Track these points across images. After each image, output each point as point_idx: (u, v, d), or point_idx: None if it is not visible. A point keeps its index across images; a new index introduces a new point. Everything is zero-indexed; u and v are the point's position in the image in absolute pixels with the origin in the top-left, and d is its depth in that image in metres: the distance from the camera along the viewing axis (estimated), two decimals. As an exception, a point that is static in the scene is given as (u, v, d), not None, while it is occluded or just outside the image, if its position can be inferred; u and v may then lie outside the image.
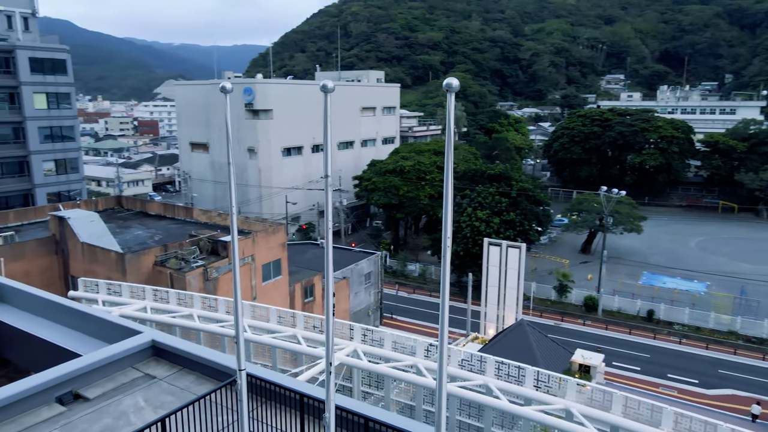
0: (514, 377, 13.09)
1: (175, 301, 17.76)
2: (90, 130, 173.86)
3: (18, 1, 53.95)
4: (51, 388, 10.48)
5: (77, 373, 10.91)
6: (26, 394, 10.17)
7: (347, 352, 14.46)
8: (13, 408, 9.99)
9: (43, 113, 51.31)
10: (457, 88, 5.73)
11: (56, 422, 9.88)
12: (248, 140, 72.61)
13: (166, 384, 11.32)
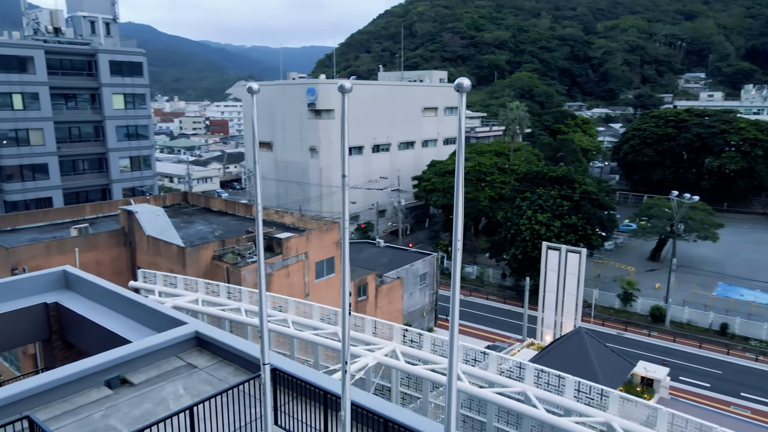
0: (555, 386, 12.67)
1: (225, 295, 18.44)
2: (166, 129, 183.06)
3: (101, 7, 57.60)
4: (100, 372, 11.14)
5: (125, 359, 11.54)
6: (78, 376, 10.86)
7: (386, 352, 14.50)
8: (66, 388, 10.70)
9: (121, 113, 54.52)
10: (468, 89, 5.61)
11: (103, 404, 10.49)
12: (310, 139, 74.11)
13: (205, 374, 11.77)
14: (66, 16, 56.71)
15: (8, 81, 47.38)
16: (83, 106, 53.08)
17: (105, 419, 9.97)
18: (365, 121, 76.26)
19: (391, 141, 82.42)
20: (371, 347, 14.87)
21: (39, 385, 10.25)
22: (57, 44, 50.98)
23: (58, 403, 10.45)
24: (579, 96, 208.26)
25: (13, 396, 9.82)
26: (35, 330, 16.13)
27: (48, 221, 35.44)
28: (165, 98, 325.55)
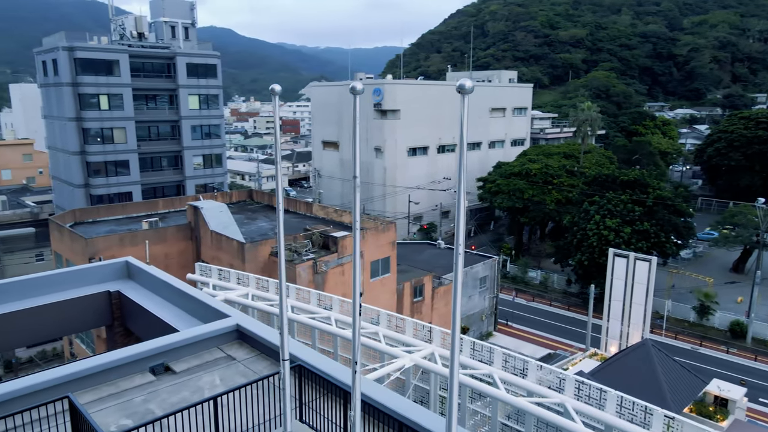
0: (596, 400, 12.08)
1: (273, 290, 18.98)
2: (241, 128, 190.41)
3: (181, 13, 60.71)
4: (145, 358, 11.77)
5: (168, 347, 12.13)
6: (124, 361, 11.53)
7: (424, 355, 14.40)
8: (112, 372, 11.38)
9: (195, 113, 57.28)
10: (471, 90, 5.50)
11: (144, 390, 11.08)
12: (375, 139, 74.72)
13: (242, 366, 12.17)
14: (149, 21, 60.27)
15: (96, 83, 50.91)
16: (162, 106, 56.20)
17: (145, 404, 10.52)
18: (431, 122, 76.07)
19: (457, 141, 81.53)
20: (410, 349, 14.83)
21: (86, 368, 10.97)
22: (140, 48, 54.26)
23: (105, 386, 11.14)
24: (661, 96, 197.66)
25: (62, 377, 10.57)
26: (100, 316, 17.27)
27: (125, 215, 37.83)
28: (242, 99, 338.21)
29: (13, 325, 15.70)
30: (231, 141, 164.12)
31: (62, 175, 54.81)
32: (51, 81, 52.96)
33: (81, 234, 30.11)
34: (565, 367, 41.42)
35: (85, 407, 10.57)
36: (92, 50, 50.67)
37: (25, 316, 15.88)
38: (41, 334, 16.82)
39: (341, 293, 30.72)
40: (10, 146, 75.92)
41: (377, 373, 13.46)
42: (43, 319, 16.22)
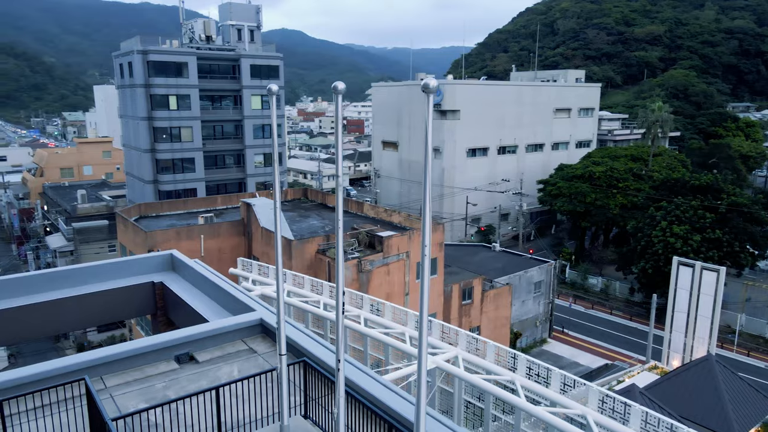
0: (620, 414, 11.47)
1: (308, 287, 19.34)
2: (306, 128, 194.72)
3: (247, 16, 62.90)
4: (171, 347, 12.33)
5: (193, 338, 12.64)
6: (151, 349, 12.13)
7: (447, 357, 14.23)
8: (140, 358, 12.00)
9: (257, 113, 59.18)
10: (435, 90, 5.41)
11: (167, 377, 11.62)
12: (434, 140, 74.34)
13: (262, 359, 12.50)
14: (218, 25, 62.87)
15: (167, 84, 53.65)
16: (226, 106, 58.46)
17: (164, 390, 11.03)
18: (492, 123, 74.89)
19: (519, 143, 79.94)
20: (435, 351, 14.70)
21: (116, 353, 11.63)
22: (207, 51, 56.68)
23: (132, 371, 11.77)
24: (746, 96, 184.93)
25: (91, 361, 11.25)
26: (145, 305, 18.23)
27: (186, 210, 39.68)
28: (309, 99, 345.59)
29: (67, 310, 16.85)
30: (296, 140, 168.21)
31: (135, 171, 58.17)
32: (127, 82, 56.32)
33: (142, 227, 31.88)
34: (620, 378, 39.69)
35: (109, 390, 11.27)
36: (163, 53, 53.45)
37: (77, 302, 17.00)
38: (91, 319, 17.97)
39: (386, 293, 30.89)
40: (92, 144, 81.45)
41: (396, 374, 13.45)
42: (93, 306, 17.31)
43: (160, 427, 9.69)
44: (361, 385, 10.41)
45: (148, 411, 8.68)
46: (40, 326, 17.20)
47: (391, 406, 9.82)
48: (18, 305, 16.36)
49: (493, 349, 14.10)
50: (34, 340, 37.08)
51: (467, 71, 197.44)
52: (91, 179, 76.07)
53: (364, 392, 10.32)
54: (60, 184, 71.92)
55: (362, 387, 10.38)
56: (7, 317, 16.29)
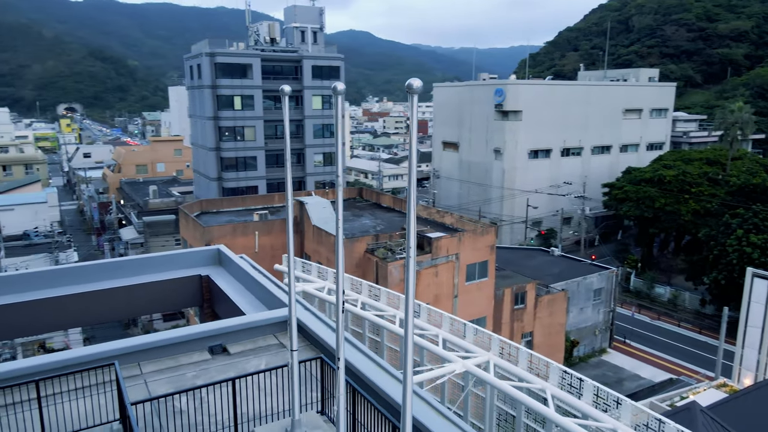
0: (653, 430, 10.82)
1: (348, 286, 19.52)
2: (370, 128, 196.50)
3: (311, 18, 64.24)
4: (204, 338, 12.81)
5: (225, 330, 13.08)
6: (186, 339, 12.65)
7: (478, 362, 13.94)
8: (176, 348, 12.55)
9: (317, 113, 60.36)
10: (419, 90, 5.33)
11: (198, 366, 12.09)
12: (495, 141, 73.19)
13: (296, 353, 12.75)
14: (283, 27, 64.63)
15: (232, 85, 55.72)
16: (289, 106, 59.97)
17: (193, 379, 11.48)
18: (556, 123, 72.80)
19: (584, 145, 77.26)
20: (466, 354, 14.45)
21: (152, 342, 12.21)
22: (271, 52, 58.36)
23: (167, 359, 12.32)
24: None
25: (129, 347, 11.87)
26: (193, 297, 19.02)
27: (244, 207, 41.04)
28: (375, 99, 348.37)
29: (121, 298, 17.85)
30: (360, 140, 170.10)
31: (201, 168, 60.78)
32: (196, 84, 58.94)
33: (201, 223, 33.27)
34: (684, 395, 37.57)
35: (144, 376, 11.85)
36: (229, 55, 55.53)
37: (131, 292, 17.97)
38: (143, 308, 18.96)
39: (434, 294, 30.71)
40: (164, 142, 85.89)
41: (423, 376, 13.34)
42: (145, 295, 18.25)
43: (185, 414, 10.13)
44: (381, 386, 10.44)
45: (166, 397, 9.07)
46: (98, 313, 18.32)
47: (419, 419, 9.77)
48: (79, 292, 17.47)
49: (526, 356, 13.70)
50: (94, 325, 39.55)
51: (535, 71, 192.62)
52: (163, 176, 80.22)
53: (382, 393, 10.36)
54: (135, 179, 76.38)
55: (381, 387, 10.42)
56: (69, 303, 17.44)
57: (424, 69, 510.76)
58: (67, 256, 43.09)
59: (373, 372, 11.01)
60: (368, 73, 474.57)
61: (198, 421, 9.92)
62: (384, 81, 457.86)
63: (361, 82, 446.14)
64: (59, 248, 43.19)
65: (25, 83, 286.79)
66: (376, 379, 10.85)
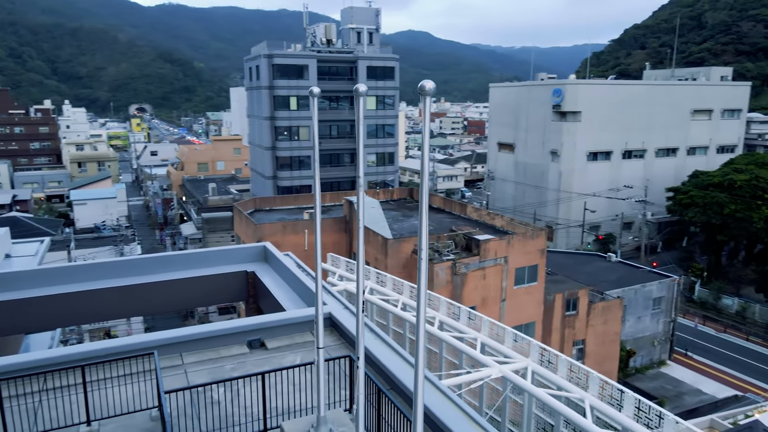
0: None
1: (391, 286, 19.55)
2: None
3: (367, 19, 64.79)
4: (244, 332, 13.18)
5: (266, 325, 13.41)
6: (227, 332, 13.06)
7: (516, 368, 13.61)
8: (217, 340, 12.97)
9: (372, 113, 60.79)
10: (432, 92, 5.29)
11: (236, 359, 12.45)
12: (552, 142, 71.40)
13: (324, 351, 12.92)
14: (340, 28, 65.52)
15: (288, 86, 56.98)
16: (342, 107, 60.74)
17: (231, 371, 11.84)
18: (617, 125, 70.30)
19: (647, 147, 74.15)
20: (505, 359, 14.16)
21: (194, 334, 12.69)
22: (327, 54, 59.27)
23: (207, 351, 12.75)
24: None
25: (172, 338, 12.38)
26: (239, 292, 19.60)
27: (296, 205, 41.87)
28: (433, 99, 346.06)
29: (171, 291, 18.61)
30: (415, 140, 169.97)
31: (258, 167, 62.48)
32: (254, 84, 60.65)
33: (254, 220, 34.21)
34: (749, 413, 35.40)
35: (185, 366, 12.32)
36: (286, 57, 56.81)
37: (180, 285, 18.71)
38: (192, 301, 19.68)
39: (481, 297, 30.32)
40: (225, 141, 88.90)
41: (457, 379, 13.17)
42: (193, 289, 18.95)
43: (220, 405, 10.48)
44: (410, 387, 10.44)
45: (197, 387, 9.40)
46: (151, 304, 19.18)
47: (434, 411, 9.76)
48: (134, 283, 18.33)
49: (566, 364, 13.28)
50: (147, 315, 41.35)
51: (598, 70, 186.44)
52: (223, 174, 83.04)
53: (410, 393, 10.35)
54: (196, 177, 79.44)
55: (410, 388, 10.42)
56: (126, 293, 18.32)
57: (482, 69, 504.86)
58: (130, 249, 45.41)
59: (403, 373, 11.01)
60: (426, 73, 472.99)
61: (231, 413, 10.23)
62: (442, 81, 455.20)
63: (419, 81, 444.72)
64: (124, 241, 45.64)
65: (101, 85, 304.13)
66: (408, 380, 10.85)
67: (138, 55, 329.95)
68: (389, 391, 10.61)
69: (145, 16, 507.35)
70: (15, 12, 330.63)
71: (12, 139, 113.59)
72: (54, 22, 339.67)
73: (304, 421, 9.61)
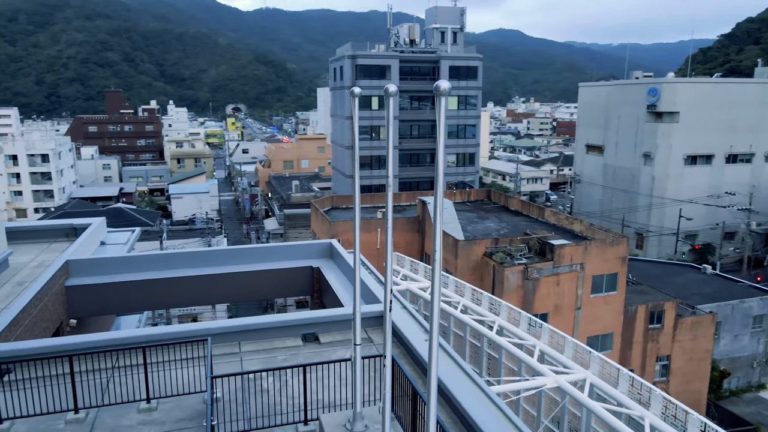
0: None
1: (453, 287, 19.30)
2: (513, 129, 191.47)
3: (452, 19, 64.35)
4: (299, 326, 13.60)
5: (320, 320, 13.77)
6: (284, 325, 13.55)
7: (573, 379, 12.96)
8: (273, 332, 13.49)
9: (453, 113, 60.30)
10: (447, 92, 5.21)
11: (289, 351, 12.87)
12: (645, 145, 67.41)
13: (375, 348, 13.02)
14: (424, 28, 65.59)
15: (370, 86, 57.76)
16: (423, 107, 60.73)
17: (282, 362, 12.26)
18: (720, 126, 65.18)
19: (756, 150, 68.09)
20: (563, 369, 13.55)
21: (250, 324, 13.27)
22: (409, 54, 59.51)
23: (263, 342, 13.28)
24: None
25: (231, 327, 13.03)
26: (305, 286, 20.20)
27: (372, 204, 42.41)
28: (521, 99, 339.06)
29: (240, 282, 19.53)
30: (501, 141, 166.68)
31: (339, 166, 63.91)
32: (337, 85, 62.08)
33: (329, 218, 35.07)
34: None
35: (241, 354, 12.91)
36: (369, 57, 57.66)
37: (251, 277, 19.59)
38: (261, 293, 20.52)
39: (554, 304, 29.27)
40: (309, 140, 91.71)
41: (506, 387, 12.75)
42: (263, 281, 19.76)
43: (269, 393, 10.92)
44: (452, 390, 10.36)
45: (243, 375, 9.83)
46: (224, 293, 20.23)
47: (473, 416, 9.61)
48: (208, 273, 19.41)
49: (627, 378, 12.48)
50: (217, 303, 43.37)
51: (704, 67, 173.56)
52: (307, 171, 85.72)
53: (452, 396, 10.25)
54: (282, 174, 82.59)
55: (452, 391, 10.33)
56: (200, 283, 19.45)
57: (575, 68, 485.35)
58: (217, 241, 48.09)
59: (447, 375, 10.91)
60: (516, 72, 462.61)
61: (277, 401, 10.61)
62: (532, 81, 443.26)
63: (508, 81, 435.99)
64: (211, 234, 48.41)
65: (202, 86, 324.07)
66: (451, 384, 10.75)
67: (236, 58, 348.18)
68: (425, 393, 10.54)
69: (244, 20, 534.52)
70: (130, 19, 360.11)
71: (122, 137, 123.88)
72: (163, 28, 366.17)
73: (341, 415, 9.77)
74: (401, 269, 22.09)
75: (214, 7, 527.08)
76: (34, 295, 14.61)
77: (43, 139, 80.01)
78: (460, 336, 18.94)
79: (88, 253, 20.76)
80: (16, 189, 79.14)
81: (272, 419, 9.97)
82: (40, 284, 15.38)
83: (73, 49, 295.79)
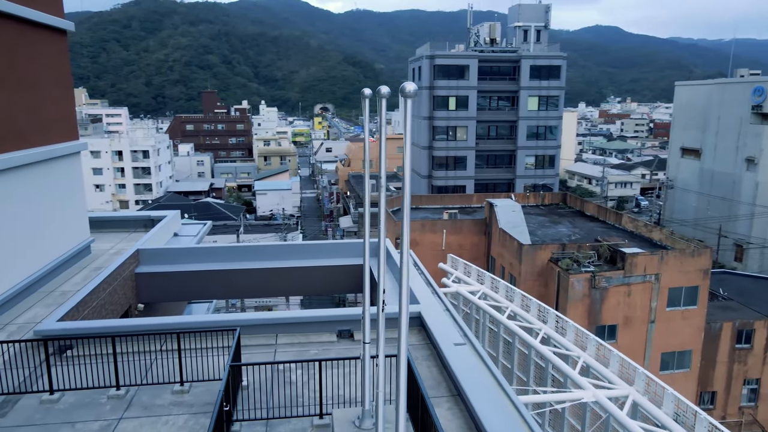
0: None
1: (503, 293, 18.76)
2: (605, 131, 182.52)
3: (536, 17, 62.54)
4: (333, 322, 13.88)
5: (355, 317, 13.95)
6: (320, 320, 13.88)
7: (615, 395, 12.18)
8: (309, 327, 13.86)
9: (533, 114, 58.55)
10: (413, 94, 5.19)
11: (322, 346, 13.17)
12: (748, 148, 62.01)
13: (368, 346, 13.00)
14: (508, 26, 64.23)
15: (448, 86, 57.45)
16: (502, 107, 59.47)
17: (314, 356, 12.58)
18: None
19: None
20: (606, 384, 12.79)
21: (290, 318, 13.75)
22: (489, 53, 58.48)
23: (299, 335, 13.67)
24: None
25: (268, 320, 13.56)
26: (354, 283, 20.54)
27: (442, 204, 42.18)
28: (617, 99, 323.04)
29: (293, 277, 20.17)
30: (591, 143, 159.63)
31: (415, 166, 64.02)
32: (416, 85, 62.24)
33: (394, 218, 35.30)
34: None
35: (276, 346, 13.38)
36: (448, 57, 57.31)
37: (301, 272, 20.18)
38: (313, 289, 21.07)
39: (623, 316, 27.76)
40: (389, 140, 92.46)
41: (538, 397, 12.20)
42: (315, 277, 20.30)
43: (294, 384, 11.28)
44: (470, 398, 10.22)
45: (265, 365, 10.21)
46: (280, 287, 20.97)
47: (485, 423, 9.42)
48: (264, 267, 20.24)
49: (672, 399, 11.56)
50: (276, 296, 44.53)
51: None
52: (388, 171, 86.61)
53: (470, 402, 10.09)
54: (360, 173, 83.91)
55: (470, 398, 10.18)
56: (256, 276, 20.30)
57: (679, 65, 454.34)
58: (292, 236, 49.82)
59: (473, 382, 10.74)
60: (612, 71, 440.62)
61: (301, 393, 10.92)
62: (630, 80, 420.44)
63: (603, 81, 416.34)
64: (287, 229, 50.26)
65: (293, 86, 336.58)
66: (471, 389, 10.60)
67: (326, 59, 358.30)
68: (439, 397, 10.54)
69: (334, 22, 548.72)
70: (229, 23, 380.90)
71: (215, 135, 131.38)
72: (259, 31, 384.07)
73: (351, 411, 9.87)
74: (454, 271, 21.81)
75: (307, 10, 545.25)
76: (103, 279, 15.89)
77: (145, 136, 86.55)
78: (509, 342, 18.43)
79: (160, 243, 22.26)
80: (120, 182, 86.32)
81: (293, 410, 10.28)
82: (110, 269, 16.71)
83: (179, 52, 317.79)
